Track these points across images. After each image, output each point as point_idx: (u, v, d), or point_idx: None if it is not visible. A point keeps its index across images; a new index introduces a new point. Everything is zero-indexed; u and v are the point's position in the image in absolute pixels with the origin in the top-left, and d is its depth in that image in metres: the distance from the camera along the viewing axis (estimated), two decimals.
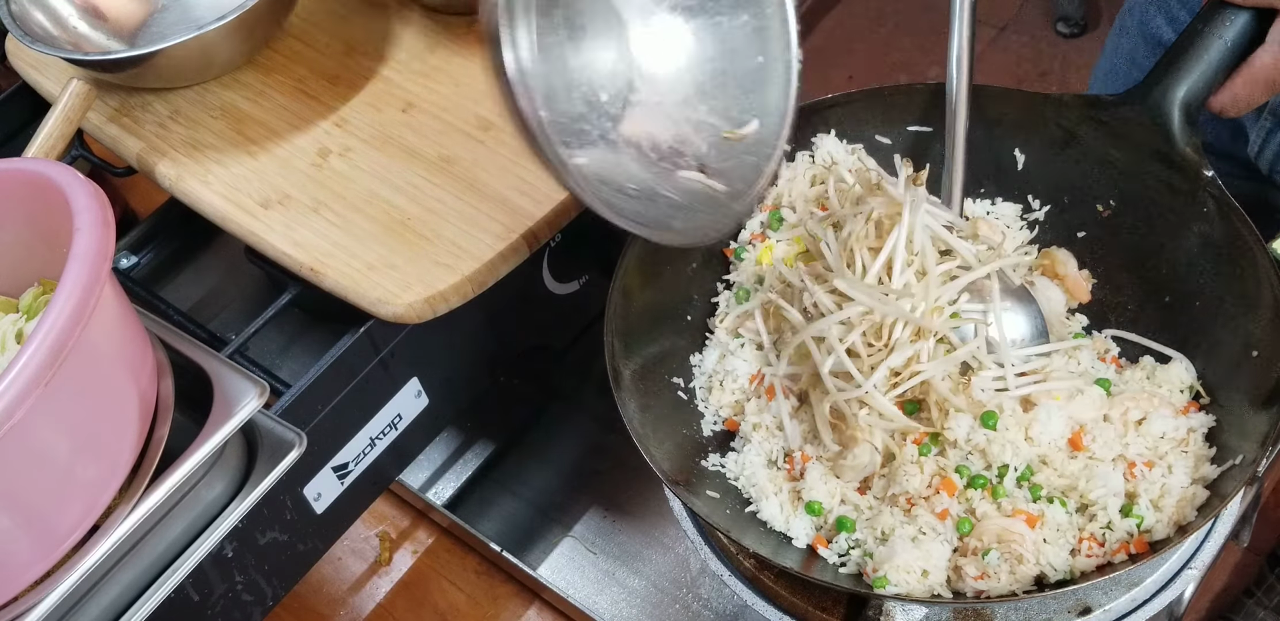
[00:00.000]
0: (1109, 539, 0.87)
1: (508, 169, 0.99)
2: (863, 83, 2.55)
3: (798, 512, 0.92)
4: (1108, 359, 0.98)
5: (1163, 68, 0.93)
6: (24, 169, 0.76)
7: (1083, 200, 1.01)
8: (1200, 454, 0.89)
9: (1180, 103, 0.92)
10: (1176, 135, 0.93)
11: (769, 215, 1.04)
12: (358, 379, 0.97)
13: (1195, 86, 0.92)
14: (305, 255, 0.96)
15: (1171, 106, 0.92)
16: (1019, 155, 1.02)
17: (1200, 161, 0.92)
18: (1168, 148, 0.93)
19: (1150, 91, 0.93)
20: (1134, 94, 0.95)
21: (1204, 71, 0.91)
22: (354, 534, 1.31)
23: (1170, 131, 0.93)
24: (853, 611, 0.94)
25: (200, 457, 0.77)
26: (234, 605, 0.94)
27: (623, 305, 0.97)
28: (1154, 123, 0.94)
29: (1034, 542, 0.86)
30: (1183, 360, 0.95)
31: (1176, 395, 0.94)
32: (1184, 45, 0.92)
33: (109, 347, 0.73)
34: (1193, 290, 0.95)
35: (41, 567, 0.73)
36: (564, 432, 1.32)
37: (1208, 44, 0.90)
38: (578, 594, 1.21)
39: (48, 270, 0.78)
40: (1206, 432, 0.91)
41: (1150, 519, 0.87)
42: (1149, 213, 0.98)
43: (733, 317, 1.02)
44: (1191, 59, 0.91)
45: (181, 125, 1.06)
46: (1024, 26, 2.57)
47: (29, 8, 1.04)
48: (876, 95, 1.04)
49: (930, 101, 1.02)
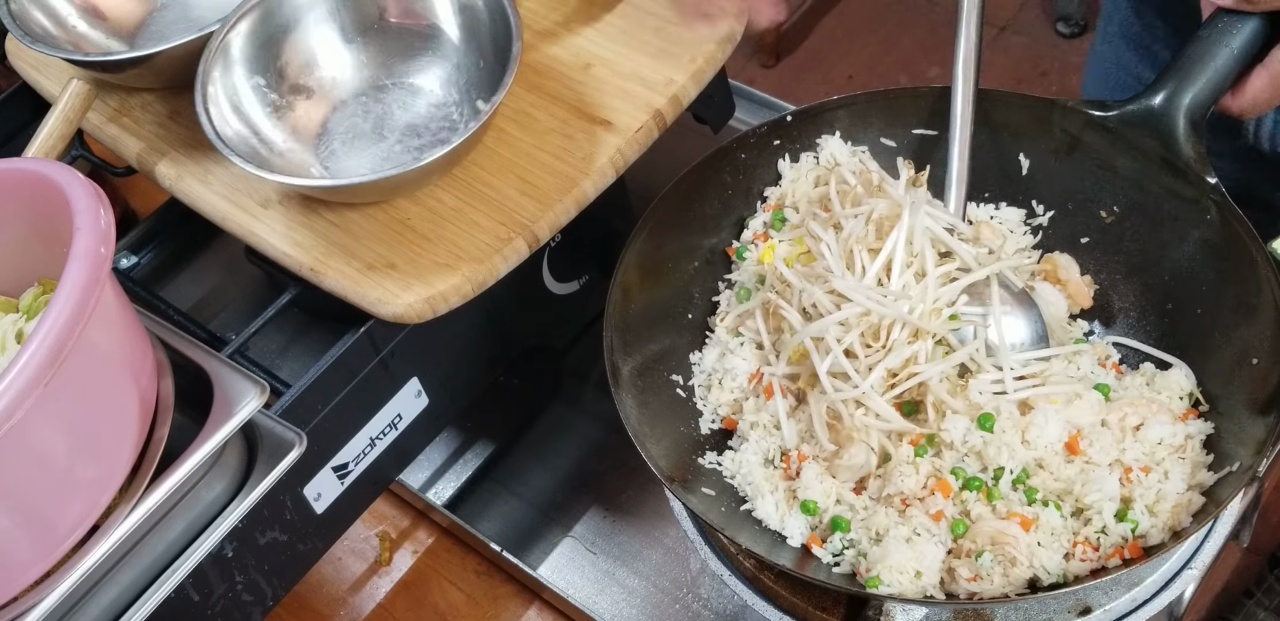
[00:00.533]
0: (1104, 543, 0.87)
1: (508, 169, 0.99)
2: (863, 82, 2.56)
3: (793, 511, 0.92)
4: (1108, 365, 0.98)
5: (1168, 74, 0.93)
6: (24, 169, 0.76)
7: (1086, 206, 1.01)
8: (1197, 460, 0.89)
9: (1186, 110, 0.92)
10: (1181, 142, 0.93)
11: (772, 215, 1.04)
12: (358, 379, 0.97)
13: (1201, 94, 0.92)
14: (305, 255, 0.97)
15: (1177, 113, 0.92)
16: (1024, 160, 1.02)
17: (1204, 168, 0.92)
18: (1172, 155, 0.93)
19: (1155, 98, 0.93)
20: (1139, 100, 0.94)
21: (1210, 79, 0.91)
22: (354, 534, 1.31)
23: (1175, 138, 0.93)
24: (853, 611, 0.94)
25: (200, 457, 0.77)
26: (234, 605, 0.94)
27: (622, 302, 0.97)
28: (1159, 129, 0.93)
29: (1028, 545, 0.86)
30: (1183, 367, 0.95)
31: (1176, 402, 0.93)
32: (1190, 53, 0.91)
33: (109, 347, 0.73)
34: (1194, 297, 0.95)
35: (41, 567, 0.73)
36: (564, 432, 1.32)
37: (1214, 52, 0.90)
38: (578, 594, 1.21)
39: (48, 270, 0.78)
40: (1204, 439, 0.91)
41: (1145, 524, 0.87)
42: (1152, 219, 0.98)
43: (733, 316, 1.02)
44: (1198, 66, 0.91)
45: (181, 125, 1.06)
46: (1024, 26, 2.57)
47: (29, 8, 1.04)
48: (881, 97, 1.03)
49: (935, 105, 1.02)
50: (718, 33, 1.03)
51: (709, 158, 1.02)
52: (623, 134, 0.99)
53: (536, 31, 1.07)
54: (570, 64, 1.04)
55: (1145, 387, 0.95)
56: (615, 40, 1.05)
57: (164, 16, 1.11)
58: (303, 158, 1.00)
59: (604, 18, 1.07)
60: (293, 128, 1.01)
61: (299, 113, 1.02)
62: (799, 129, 1.04)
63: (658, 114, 1.00)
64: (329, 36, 1.03)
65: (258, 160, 0.94)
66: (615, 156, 0.99)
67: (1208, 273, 0.94)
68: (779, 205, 1.05)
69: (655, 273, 1.01)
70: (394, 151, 1.01)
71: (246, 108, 0.99)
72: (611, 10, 1.07)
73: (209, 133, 0.93)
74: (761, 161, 1.05)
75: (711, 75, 1.04)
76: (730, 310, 1.02)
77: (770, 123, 1.03)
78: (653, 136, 1.01)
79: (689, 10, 1.03)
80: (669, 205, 1.00)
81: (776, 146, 1.05)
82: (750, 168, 1.05)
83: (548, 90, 1.03)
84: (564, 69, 1.04)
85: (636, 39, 1.04)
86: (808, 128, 1.05)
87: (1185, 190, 0.94)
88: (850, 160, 1.04)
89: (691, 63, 1.02)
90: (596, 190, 0.99)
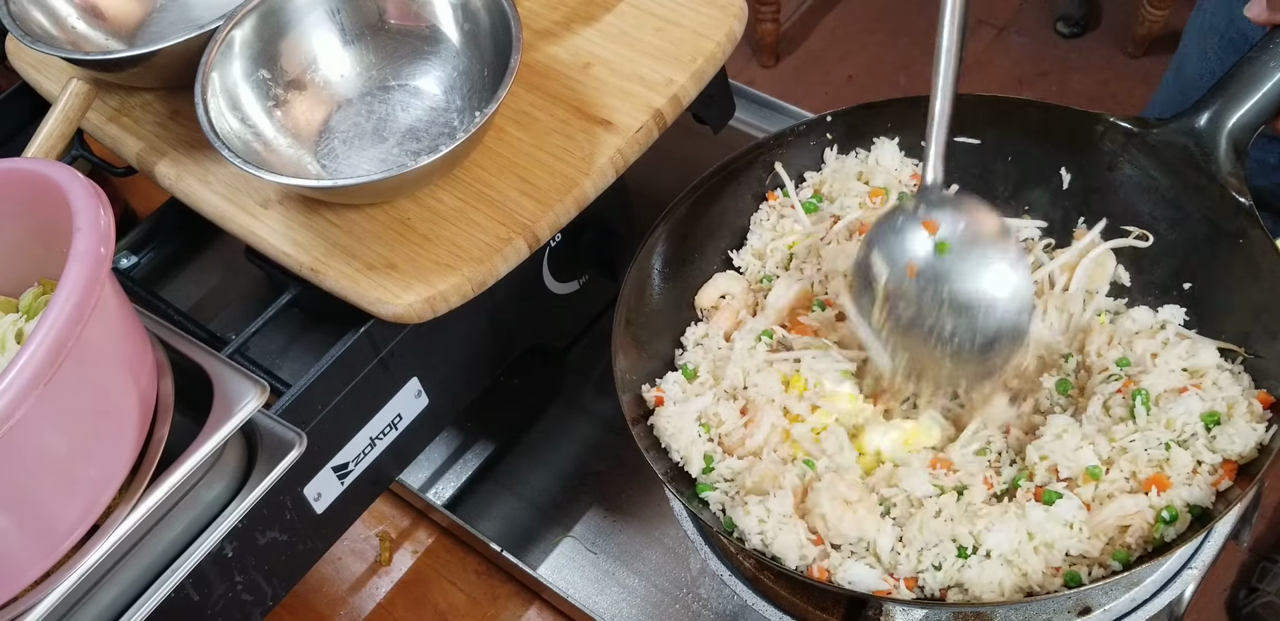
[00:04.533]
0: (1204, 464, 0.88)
1: (508, 169, 0.99)
2: (863, 82, 2.56)
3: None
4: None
5: (1215, 94, 0.92)
6: (24, 169, 0.76)
7: (1125, 222, 1.00)
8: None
9: (1229, 131, 0.91)
10: (1222, 164, 0.92)
11: (813, 196, 1.06)
12: (358, 379, 0.97)
13: (1247, 116, 0.91)
14: (305, 255, 0.97)
15: (1220, 134, 0.91)
16: (1065, 174, 1.02)
17: (1242, 189, 0.91)
18: (1209, 177, 0.92)
19: (1200, 119, 0.92)
20: (1183, 119, 0.93)
21: (1259, 102, 0.90)
22: (354, 534, 1.31)
23: (1216, 160, 0.92)
24: (852, 612, 0.94)
25: (200, 457, 0.77)
26: (234, 605, 0.94)
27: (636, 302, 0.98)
28: (1200, 150, 0.92)
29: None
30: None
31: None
32: (1239, 73, 0.90)
33: (109, 347, 0.73)
34: (1229, 317, 0.95)
35: (41, 567, 0.73)
36: (564, 432, 1.32)
37: (1265, 73, 0.89)
38: (578, 594, 1.21)
39: (48, 270, 0.78)
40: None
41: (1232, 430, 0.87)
42: (1189, 238, 0.97)
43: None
44: (1248, 88, 0.90)
45: (181, 125, 1.06)
46: (1024, 26, 2.57)
47: (28, 8, 1.04)
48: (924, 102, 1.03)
49: (971, 112, 1.00)
50: None
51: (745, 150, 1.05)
52: (623, 134, 0.99)
53: (536, 31, 1.07)
54: (570, 64, 1.04)
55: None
56: (615, 40, 1.05)
57: (163, 17, 1.11)
58: (302, 157, 1.00)
59: (604, 18, 1.07)
60: (293, 127, 1.01)
61: (299, 112, 1.02)
62: (848, 125, 1.07)
63: (658, 114, 1.00)
64: (329, 37, 1.03)
65: (257, 159, 0.94)
66: (615, 156, 0.99)
67: (1243, 298, 0.93)
68: (816, 189, 1.07)
69: (676, 272, 1.03)
70: (393, 154, 1.00)
71: (246, 106, 0.99)
72: (611, 10, 1.07)
73: (207, 131, 0.92)
74: (807, 152, 1.08)
75: (711, 75, 1.04)
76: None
77: (809, 122, 1.06)
78: (653, 136, 1.01)
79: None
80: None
81: (828, 139, 1.07)
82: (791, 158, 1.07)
83: (548, 90, 1.03)
84: (564, 69, 1.04)
85: (636, 39, 1.04)
86: (860, 127, 1.06)
87: (1221, 214, 0.93)
88: (903, 166, 1.06)
89: (691, 63, 1.02)
90: (596, 190, 0.99)
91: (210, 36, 0.97)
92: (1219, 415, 0.88)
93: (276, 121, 1.00)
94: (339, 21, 1.02)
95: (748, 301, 1.05)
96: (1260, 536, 1.74)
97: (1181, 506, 0.86)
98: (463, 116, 1.01)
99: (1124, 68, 2.48)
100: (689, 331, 1.04)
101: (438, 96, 1.03)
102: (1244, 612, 1.67)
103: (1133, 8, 2.44)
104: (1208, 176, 0.93)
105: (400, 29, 1.03)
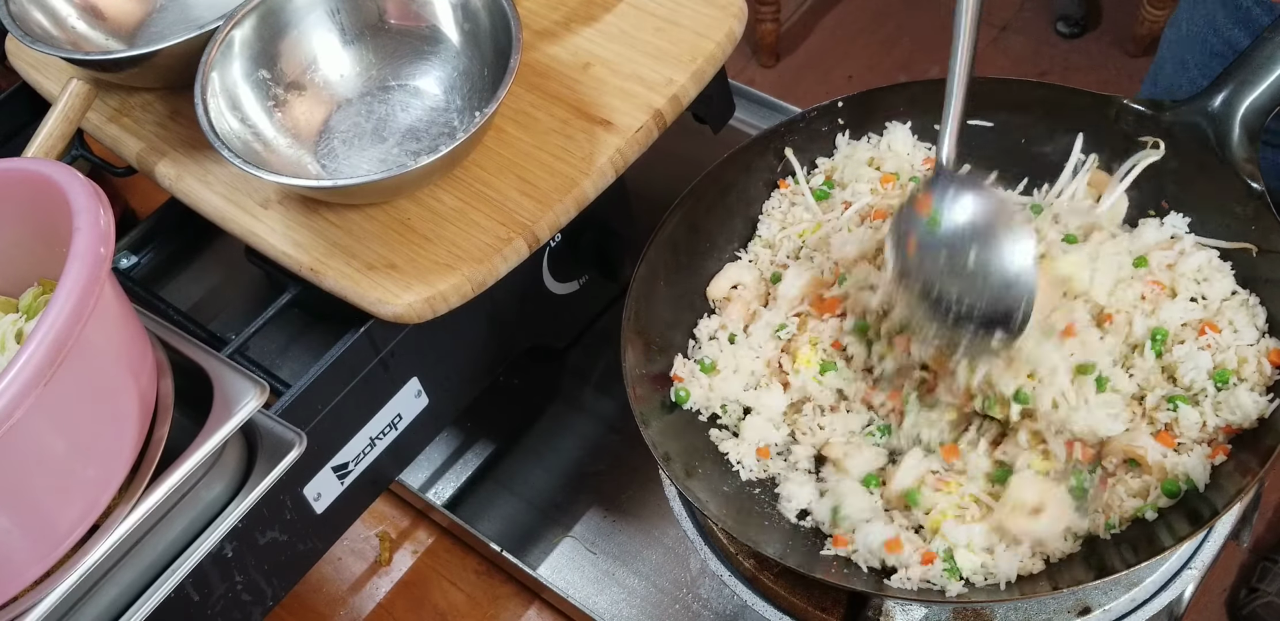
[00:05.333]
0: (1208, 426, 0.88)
1: (508, 169, 0.99)
2: (863, 82, 2.56)
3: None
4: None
5: (1228, 77, 0.91)
6: (24, 169, 0.76)
7: (1138, 205, 1.00)
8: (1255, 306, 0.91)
9: (1242, 115, 0.91)
10: (1235, 149, 0.91)
11: (824, 183, 1.06)
12: (358, 379, 0.97)
13: (1261, 99, 0.90)
14: (305, 255, 0.97)
15: (1233, 118, 0.91)
16: (1078, 156, 1.01)
17: (1255, 174, 0.91)
18: (1220, 159, 0.92)
19: (1213, 101, 0.92)
20: (1195, 102, 0.93)
21: (1273, 85, 0.89)
22: (354, 534, 1.31)
23: (1229, 144, 0.92)
24: (852, 611, 0.94)
25: (200, 457, 0.77)
26: (234, 605, 0.94)
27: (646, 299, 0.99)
28: (1213, 133, 0.92)
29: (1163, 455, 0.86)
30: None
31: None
32: (1253, 55, 0.89)
33: (109, 347, 0.73)
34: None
35: (41, 567, 0.73)
36: (564, 432, 1.32)
37: (1278, 57, 0.88)
38: (578, 594, 1.21)
39: (47, 270, 0.78)
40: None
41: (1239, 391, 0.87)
42: (1200, 220, 0.97)
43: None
44: (1261, 71, 0.89)
45: (181, 125, 1.06)
46: (1024, 26, 2.57)
47: (29, 8, 1.04)
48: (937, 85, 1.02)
49: (984, 95, 0.99)
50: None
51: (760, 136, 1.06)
52: (623, 134, 0.99)
53: (536, 31, 1.07)
54: (570, 64, 1.04)
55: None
56: (615, 40, 1.05)
57: (163, 17, 1.11)
58: (301, 157, 1.00)
59: (604, 18, 1.07)
60: (293, 127, 1.01)
61: (299, 112, 1.02)
62: (861, 110, 1.06)
63: (658, 114, 1.00)
64: (329, 37, 1.03)
65: (256, 159, 0.94)
66: (615, 156, 0.99)
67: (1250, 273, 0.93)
68: (828, 175, 1.07)
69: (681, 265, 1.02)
70: (393, 154, 1.00)
71: (246, 106, 0.99)
72: (611, 10, 1.07)
73: (207, 131, 0.93)
74: (818, 139, 1.08)
75: (711, 75, 1.04)
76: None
77: (820, 107, 1.05)
78: (653, 136, 1.01)
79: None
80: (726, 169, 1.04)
81: (840, 125, 1.07)
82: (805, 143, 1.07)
83: (548, 90, 1.03)
84: (564, 69, 1.04)
85: (636, 39, 1.04)
86: (872, 111, 1.06)
87: (1232, 196, 0.92)
88: (915, 151, 1.05)
89: (691, 63, 1.02)
90: (596, 190, 0.99)
91: (210, 36, 0.97)
92: (1230, 374, 0.88)
93: (276, 121, 1.00)
94: (339, 21, 1.02)
95: (759, 292, 1.04)
96: (1260, 536, 1.74)
97: (1182, 476, 0.86)
98: (463, 116, 1.01)
99: (1124, 68, 2.48)
100: (702, 324, 1.03)
101: (438, 96, 1.03)
102: (1244, 612, 1.67)
103: (1133, 8, 2.43)
104: (1220, 160, 0.92)
105: (400, 29, 1.03)
